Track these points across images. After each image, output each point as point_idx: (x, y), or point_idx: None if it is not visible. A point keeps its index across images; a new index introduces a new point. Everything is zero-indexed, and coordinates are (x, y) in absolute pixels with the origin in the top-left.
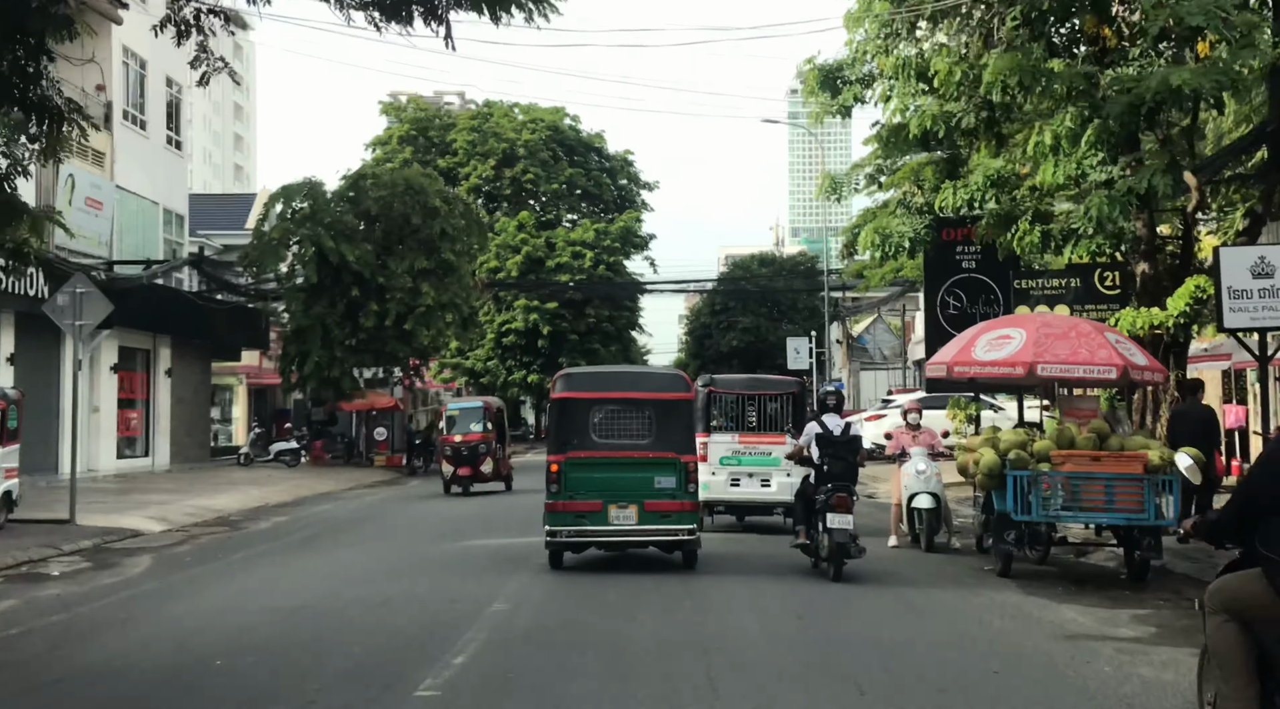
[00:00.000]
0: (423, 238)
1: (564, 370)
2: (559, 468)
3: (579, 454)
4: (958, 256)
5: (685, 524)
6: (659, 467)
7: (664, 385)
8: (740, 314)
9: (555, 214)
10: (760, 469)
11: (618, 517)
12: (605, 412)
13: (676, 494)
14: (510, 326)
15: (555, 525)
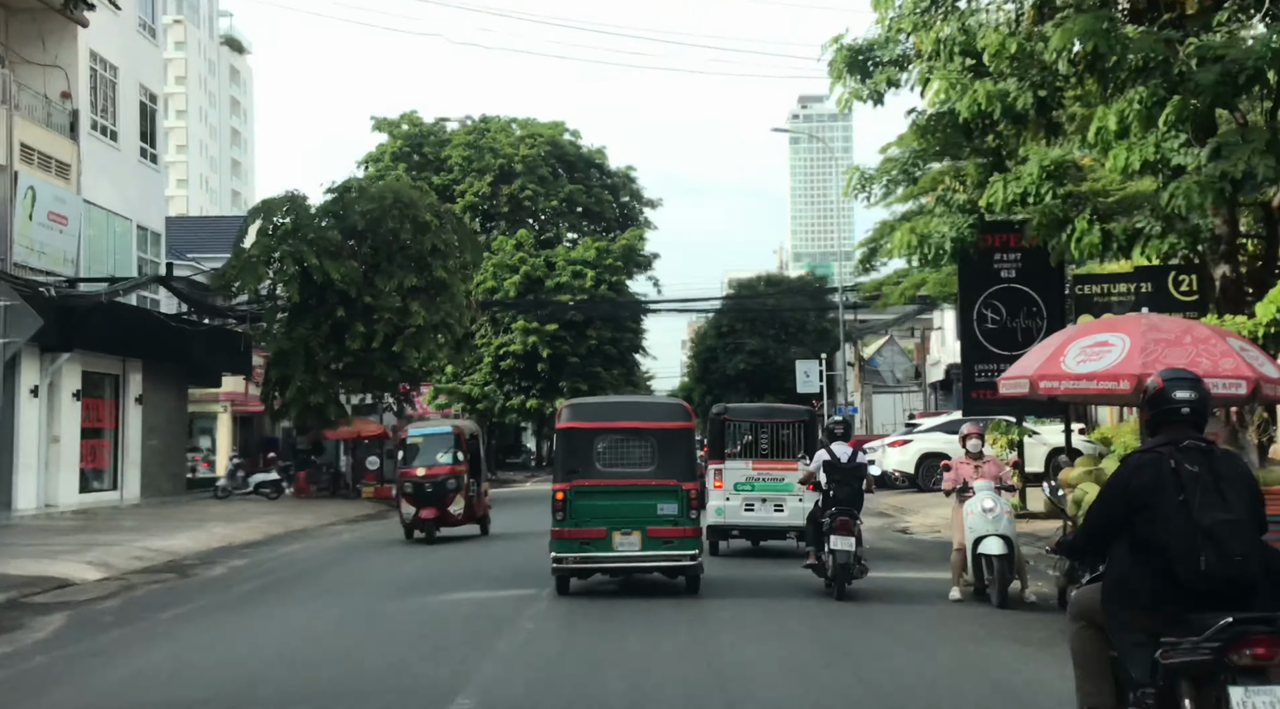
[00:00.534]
0: (412, 254)
1: (570, 401)
2: (564, 496)
3: (583, 482)
4: (996, 265)
5: (688, 550)
6: (661, 494)
7: (666, 415)
8: (747, 336)
9: (555, 232)
10: (773, 495)
11: (622, 543)
12: (609, 441)
13: (679, 520)
14: (508, 349)
15: (561, 552)
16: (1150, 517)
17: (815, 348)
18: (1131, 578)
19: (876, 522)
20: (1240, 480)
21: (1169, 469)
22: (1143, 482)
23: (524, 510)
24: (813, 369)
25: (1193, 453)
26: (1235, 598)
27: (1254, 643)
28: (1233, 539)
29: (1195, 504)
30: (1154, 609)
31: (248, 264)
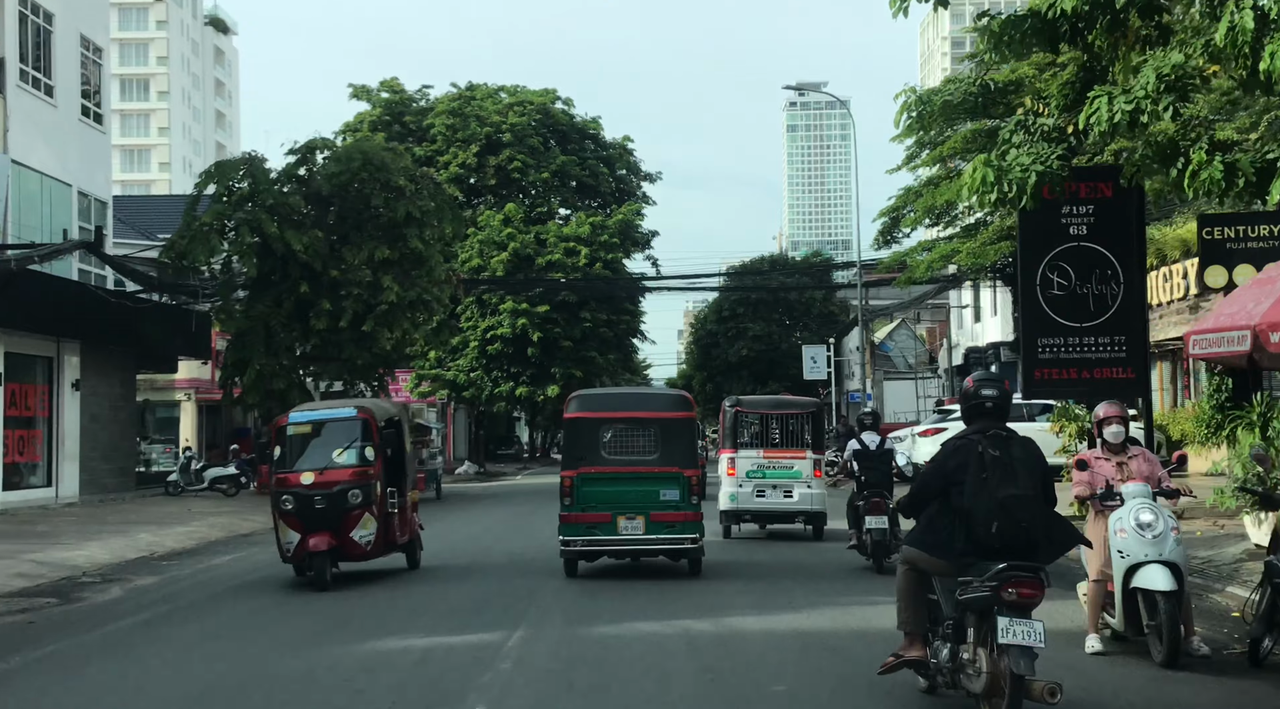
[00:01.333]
0: (384, 223)
1: (578, 392)
2: (572, 482)
3: (590, 469)
4: (1065, 220)
5: (689, 533)
6: (664, 480)
7: (669, 405)
8: (750, 320)
9: (546, 207)
10: (783, 481)
11: (626, 527)
12: (614, 430)
13: (680, 506)
14: (496, 333)
15: (569, 536)
16: (960, 489)
17: (821, 333)
18: (944, 533)
19: None
20: (1031, 463)
21: (976, 453)
22: (956, 462)
23: (507, 510)
24: (820, 355)
25: (996, 440)
26: (1020, 552)
27: (1020, 584)
28: (1019, 510)
29: (993, 482)
30: (959, 557)
31: (199, 234)
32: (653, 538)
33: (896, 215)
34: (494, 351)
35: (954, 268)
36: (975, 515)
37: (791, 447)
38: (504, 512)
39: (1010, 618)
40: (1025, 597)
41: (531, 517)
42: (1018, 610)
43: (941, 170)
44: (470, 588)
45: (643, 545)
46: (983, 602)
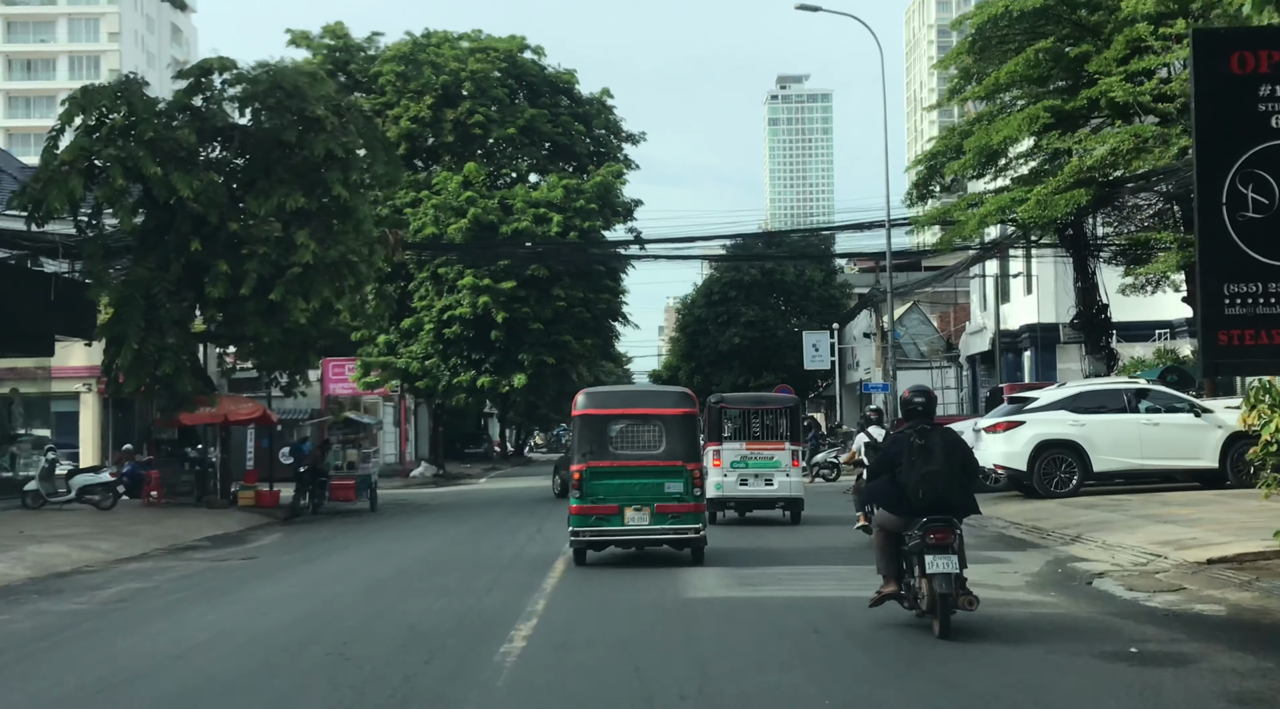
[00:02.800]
0: (299, 164)
1: (586, 390)
2: (581, 475)
3: (598, 463)
4: (1262, 107)
5: (693, 524)
6: (669, 473)
7: (673, 402)
8: (742, 304)
9: (512, 168)
10: (764, 471)
11: (633, 518)
12: (621, 425)
13: (684, 497)
14: (454, 313)
15: (579, 526)
16: (898, 469)
17: (821, 318)
18: (896, 500)
19: (1029, 561)
20: (948, 447)
21: (908, 442)
22: (895, 449)
23: (450, 528)
24: (823, 342)
25: (922, 432)
26: (943, 510)
27: (936, 531)
28: (936, 480)
29: (919, 462)
30: (902, 517)
31: (56, 175)
32: (658, 528)
33: (934, 164)
34: (451, 335)
35: (994, 233)
36: (908, 486)
37: (771, 439)
38: (445, 531)
39: (933, 554)
40: (940, 539)
41: (481, 538)
42: (938, 549)
43: (991, 106)
44: None
45: (649, 535)
46: (917, 547)
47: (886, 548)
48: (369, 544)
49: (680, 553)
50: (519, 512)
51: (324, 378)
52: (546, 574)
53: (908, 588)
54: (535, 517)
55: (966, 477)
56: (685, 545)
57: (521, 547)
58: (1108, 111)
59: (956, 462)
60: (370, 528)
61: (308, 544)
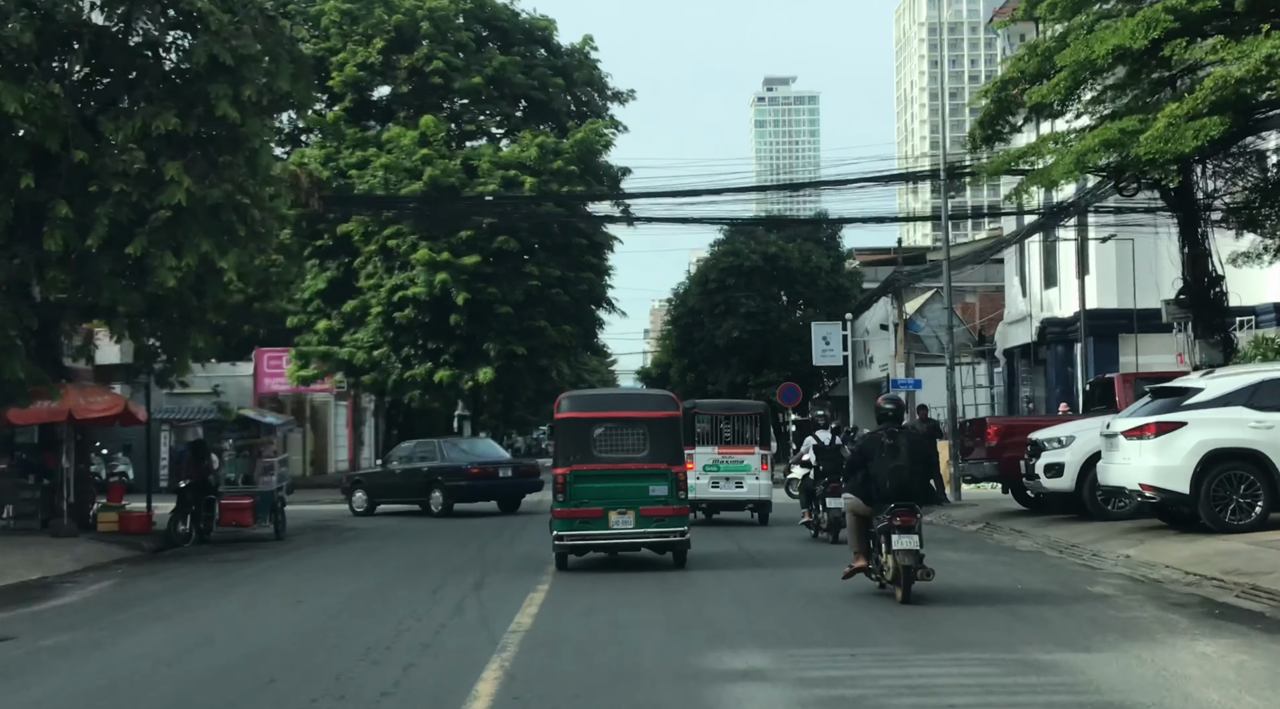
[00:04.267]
0: (172, 76)
1: (568, 393)
2: (564, 479)
3: (582, 467)
4: None
5: (677, 527)
6: (653, 477)
7: (656, 405)
8: (742, 294)
9: (478, 127)
10: (735, 473)
11: (617, 522)
12: (605, 429)
13: (669, 500)
14: (406, 294)
15: (562, 530)
16: (870, 464)
17: (828, 310)
18: (868, 491)
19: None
20: (912, 445)
21: (879, 442)
22: (869, 448)
23: (362, 574)
24: (834, 334)
25: (891, 433)
26: (906, 499)
27: (901, 515)
28: (901, 474)
29: (887, 459)
30: (874, 504)
31: None
32: (642, 532)
33: (1005, 97)
34: (403, 320)
35: (1060, 195)
36: (878, 479)
37: (742, 444)
38: (350, 579)
39: (899, 534)
40: (905, 521)
41: (391, 596)
42: (903, 530)
43: (1085, 16)
44: None
45: (633, 539)
46: (885, 528)
47: (858, 530)
48: (220, 606)
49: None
50: (468, 543)
51: (257, 372)
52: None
53: (875, 563)
54: (483, 558)
55: (926, 471)
56: (667, 549)
57: (444, 621)
58: (1249, 13)
59: (919, 459)
60: (253, 571)
61: (134, 603)
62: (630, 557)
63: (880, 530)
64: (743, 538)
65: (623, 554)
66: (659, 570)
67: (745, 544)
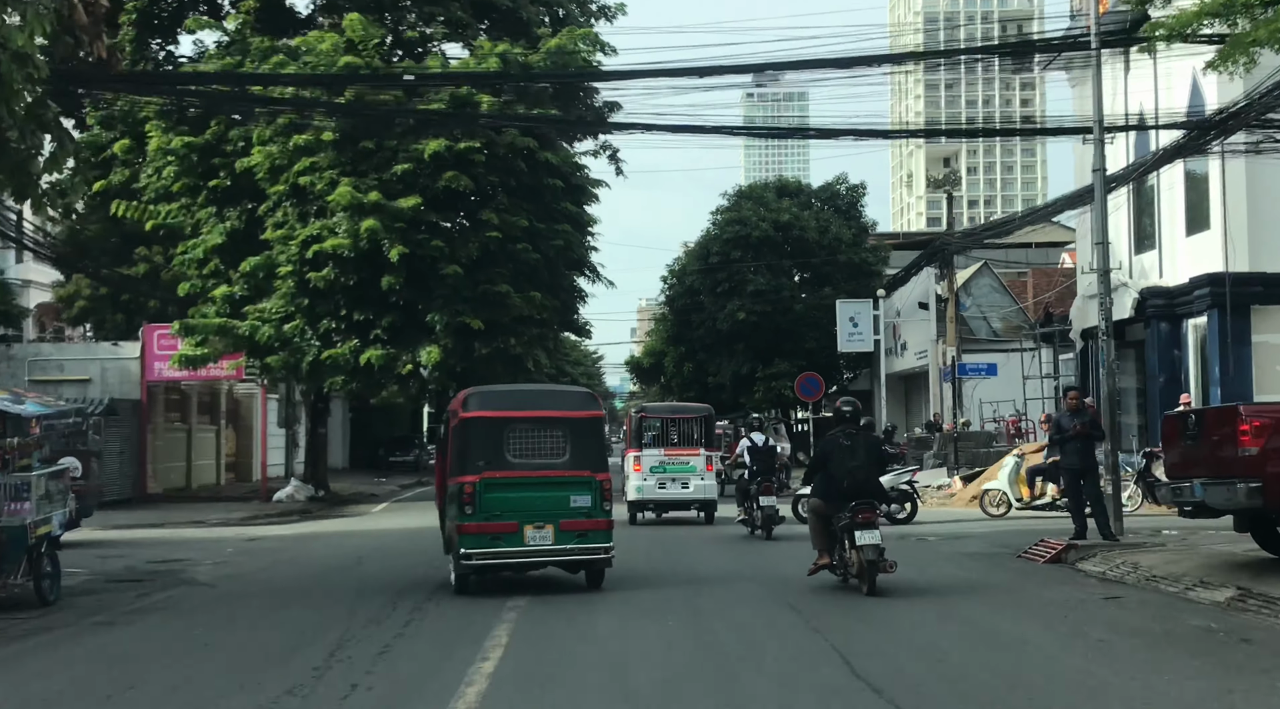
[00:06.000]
0: None
1: (473, 389)
2: (474, 489)
3: (494, 474)
4: None
5: (601, 542)
6: (574, 486)
7: (577, 404)
8: (749, 269)
9: (422, 35)
10: (681, 474)
11: (534, 537)
12: (519, 431)
13: (592, 512)
14: (323, 247)
15: (470, 548)
16: (830, 464)
17: (848, 290)
18: (827, 490)
19: None
20: (868, 447)
21: (837, 443)
22: (828, 448)
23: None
24: (864, 314)
25: (848, 435)
26: (865, 497)
27: (863, 512)
28: (858, 473)
29: (846, 459)
30: (834, 502)
31: None
32: (562, 548)
33: None
34: (320, 283)
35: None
36: (837, 478)
37: (687, 446)
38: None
39: (861, 530)
40: (867, 518)
41: None
42: (865, 526)
43: None
44: None
45: (552, 556)
46: (848, 525)
47: (820, 528)
48: None
49: None
50: (334, 621)
51: (146, 353)
52: None
53: (839, 559)
54: (360, 654)
55: (881, 471)
56: (583, 567)
57: None
58: None
59: (874, 459)
60: None
61: None
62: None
63: (842, 528)
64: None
65: (532, 574)
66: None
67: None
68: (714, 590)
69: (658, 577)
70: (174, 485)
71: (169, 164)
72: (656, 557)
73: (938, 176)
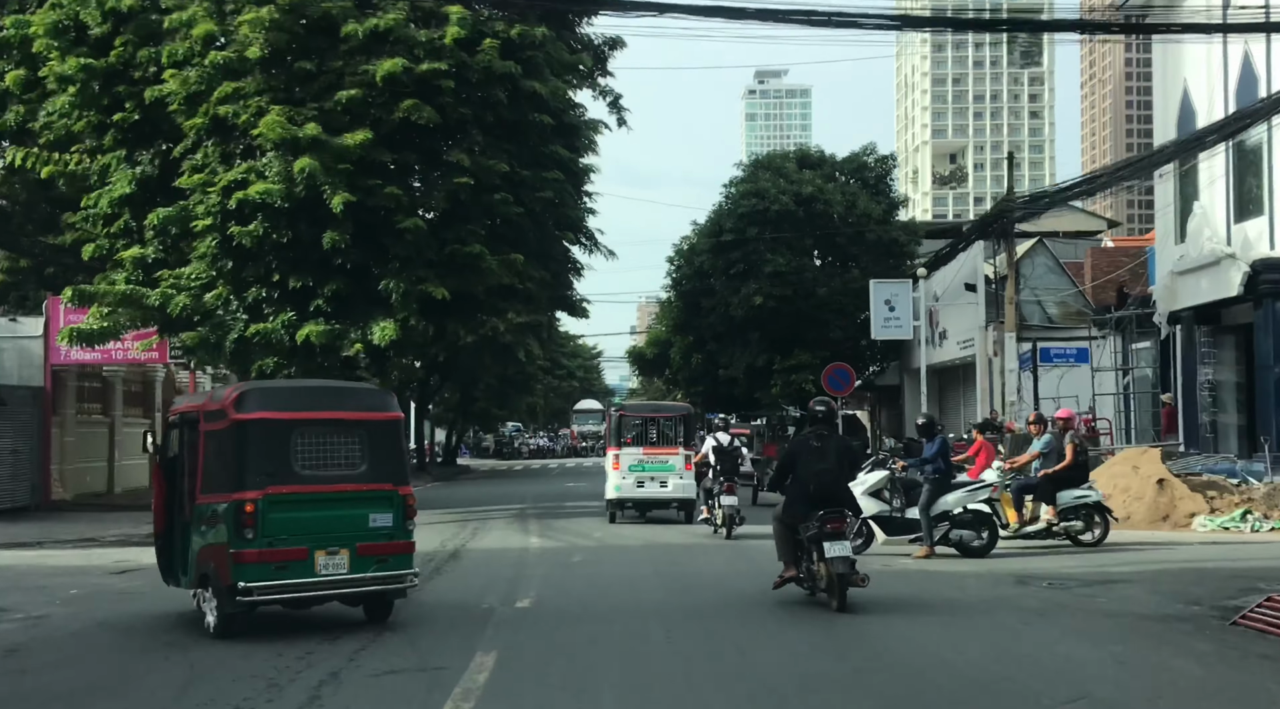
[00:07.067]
0: None
1: (249, 385)
2: (255, 508)
3: (281, 490)
4: None
5: (404, 568)
6: (374, 502)
7: (374, 404)
8: (766, 247)
9: None
10: (660, 473)
11: (326, 565)
12: (309, 436)
13: (395, 533)
14: (247, 194)
15: (249, 581)
16: (797, 467)
17: (877, 272)
18: (793, 495)
19: None
20: (838, 449)
21: (806, 445)
22: (796, 449)
23: None
24: (903, 296)
25: (819, 437)
26: (833, 503)
27: (832, 521)
28: (825, 476)
29: (814, 461)
30: (800, 509)
31: None
32: (360, 577)
33: None
34: (246, 240)
35: None
36: (804, 481)
37: (666, 444)
38: None
39: (831, 541)
40: (836, 527)
41: None
42: (835, 536)
43: None
44: None
45: (348, 587)
46: (816, 535)
47: (785, 538)
48: None
49: None
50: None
51: (49, 331)
52: None
53: (806, 571)
54: None
55: (852, 475)
56: (372, 599)
57: None
58: None
59: (844, 462)
60: None
61: None
62: None
63: (810, 538)
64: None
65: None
66: None
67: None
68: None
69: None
70: (91, 490)
71: (65, 95)
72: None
73: (944, 172)
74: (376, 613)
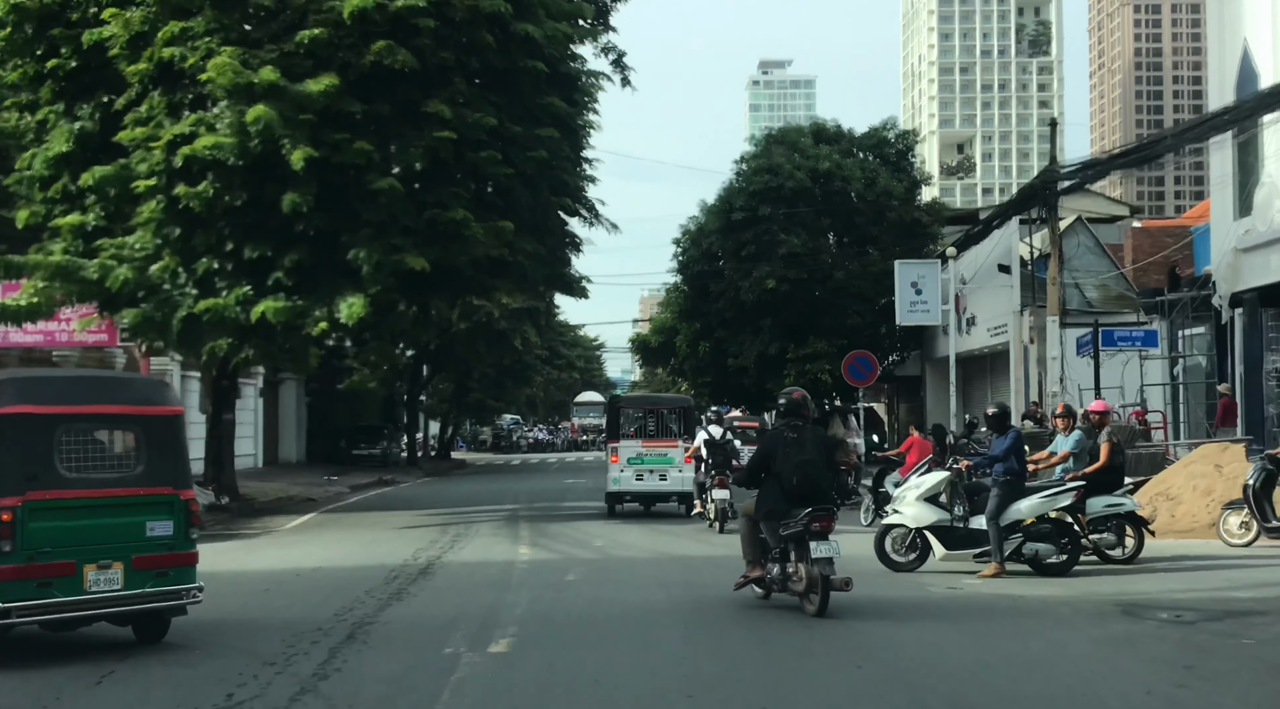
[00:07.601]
0: None
1: (4, 374)
2: (13, 517)
3: (43, 495)
4: None
5: (187, 583)
6: (151, 508)
7: (149, 396)
8: (780, 227)
9: None
10: (659, 466)
11: (97, 581)
12: (75, 434)
13: (176, 544)
14: (194, 149)
15: (7, 600)
16: (775, 461)
17: (897, 254)
18: (768, 491)
19: None
20: (817, 441)
21: (782, 437)
22: (771, 444)
23: None
24: (930, 278)
25: (794, 428)
26: (814, 499)
27: (820, 520)
28: (808, 470)
29: (793, 453)
30: (779, 506)
31: None
32: (136, 594)
33: None
34: (195, 204)
35: None
36: (784, 475)
37: (666, 437)
38: None
39: (816, 541)
40: (824, 526)
41: None
42: (821, 536)
43: None
44: None
45: (122, 605)
46: (799, 533)
47: (753, 537)
48: None
49: None
50: None
51: None
52: None
53: (782, 571)
54: None
55: (834, 467)
56: (136, 618)
57: None
58: None
59: (824, 453)
60: None
61: None
62: None
63: (792, 536)
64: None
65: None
66: None
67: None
68: None
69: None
70: None
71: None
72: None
73: (950, 162)
74: (149, 634)
